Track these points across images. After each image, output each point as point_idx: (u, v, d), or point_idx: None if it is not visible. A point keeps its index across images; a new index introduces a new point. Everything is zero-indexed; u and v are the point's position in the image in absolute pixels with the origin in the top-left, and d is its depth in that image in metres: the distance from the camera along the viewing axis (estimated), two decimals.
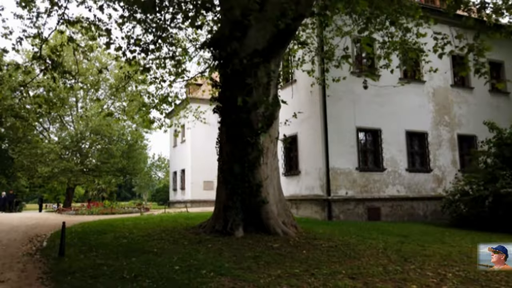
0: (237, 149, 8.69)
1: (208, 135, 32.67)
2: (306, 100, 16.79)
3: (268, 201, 8.62)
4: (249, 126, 8.58)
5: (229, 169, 8.80)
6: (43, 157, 30.85)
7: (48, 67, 8.79)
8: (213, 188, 33.56)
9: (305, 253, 7.03)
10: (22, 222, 13.92)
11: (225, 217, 8.56)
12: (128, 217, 16.45)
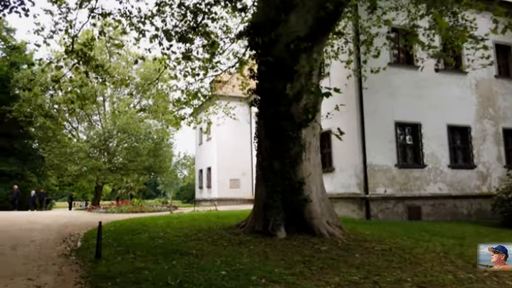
0: (277, 144, 8.13)
1: (234, 133, 32.34)
2: (341, 94, 16.02)
3: (311, 200, 8.02)
4: (290, 119, 8.00)
5: (268, 165, 8.25)
6: (72, 155, 31.24)
7: (80, 61, 8.50)
8: (239, 186, 33.23)
9: (359, 258, 6.40)
10: (54, 220, 13.82)
11: (265, 217, 8.01)
12: (159, 215, 16.16)
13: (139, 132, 32.44)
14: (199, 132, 37.41)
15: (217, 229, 9.53)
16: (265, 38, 7.63)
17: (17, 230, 10.62)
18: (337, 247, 7.11)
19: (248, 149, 32.84)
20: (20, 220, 13.63)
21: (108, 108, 34.41)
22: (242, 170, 32.38)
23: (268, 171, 8.26)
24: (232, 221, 12.01)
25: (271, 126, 8.25)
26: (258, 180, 8.67)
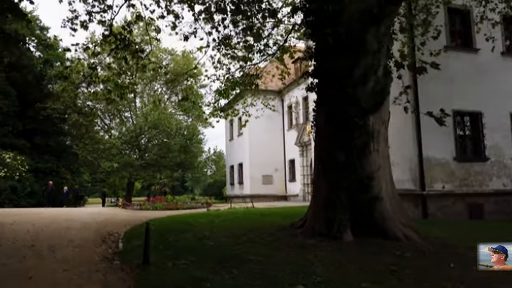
0: (340, 132, 7.07)
1: (266, 128, 31.36)
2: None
3: (381, 197, 6.94)
4: (355, 104, 6.92)
5: (330, 157, 7.21)
6: (105, 152, 31.20)
7: (118, 45, 7.79)
8: (272, 183, 32.29)
9: (457, 269, 5.27)
10: (91, 218, 13.30)
11: (328, 217, 7.00)
12: (196, 213, 15.45)
13: (170, 127, 32.01)
14: (230, 128, 36.71)
15: (268, 229, 8.59)
16: (336, 5, 6.54)
17: (55, 229, 10.07)
18: (421, 254, 6.01)
19: (281, 144, 31.83)
20: (57, 218, 13.18)
21: (139, 104, 34.22)
22: (274, 165, 31.41)
23: (330, 164, 7.23)
24: (277, 219, 11.07)
25: (333, 112, 7.20)
26: (317, 174, 7.64)
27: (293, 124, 30.17)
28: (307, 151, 27.66)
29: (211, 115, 13.75)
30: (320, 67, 7.49)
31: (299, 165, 28.52)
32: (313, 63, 7.88)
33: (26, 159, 28.20)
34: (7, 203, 25.32)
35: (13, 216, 13.58)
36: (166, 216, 13.60)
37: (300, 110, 29.01)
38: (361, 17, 6.77)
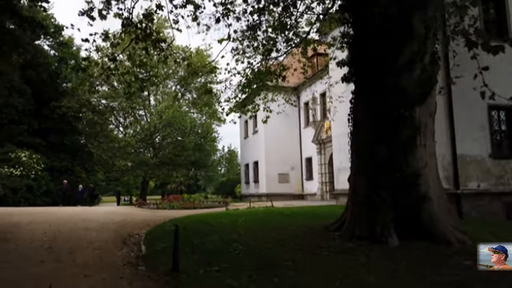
0: (382, 125, 6.43)
1: (281, 125, 30.70)
2: None
3: (430, 197, 6.28)
4: (400, 94, 6.27)
5: (370, 153, 6.58)
6: (120, 150, 30.97)
7: (139, 34, 7.27)
8: (288, 181, 31.67)
9: None
10: (109, 218, 12.88)
11: (369, 218, 6.37)
12: (215, 212, 14.93)
13: (184, 125, 31.63)
14: (245, 126, 36.18)
15: (297, 231, 8.00)
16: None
17: (72, 230, 9.63)
18: None
19: (297, 142, 31.16)
20: (74, 218, 12.80)
21: (153, 102, 33.93)
22: (291, 164, 30.76)
23: (369, 160, 6.59)
24: (303, 220, 10.47)
25: (374, 103, 6.55)
26: (355, 171, 7.01)
27: (310, 121, 29.47)
28: (325, 149, 26.94)
29: (230, 111, 13.17)
30: (359, 54, 6.85)
31: (317, 163, 27.82)
32: (349, 51, 7.23)
33: (41, 157, 28.13)
34: (23, 202, 25.21)
35: (29, 215, 13.24)
36: (185, 216, 13.10)
37: (317, 107, 28.27)
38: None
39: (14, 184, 25.29)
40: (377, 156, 6.47)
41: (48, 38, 34.45)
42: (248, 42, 11.04)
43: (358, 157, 6.86)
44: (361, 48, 6.80)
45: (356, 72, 7.02)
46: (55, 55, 34.45)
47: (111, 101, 31.50)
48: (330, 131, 25.68)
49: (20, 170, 26.28)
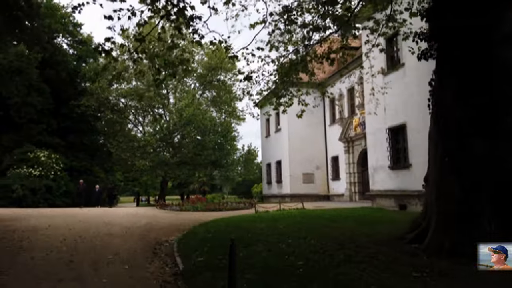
0: (479, 115, 5.12)
1: (305, 123, 29.34)
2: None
3: None
4: (505, 70, 4.95)
5: (463, 148, 5.28)
6: (139, 150, 30.20)
7: (171, 10, 6.19)
8: (313, 181, 30.34)
9: None
10: (132, 221, 11.87)
11: (464, 230, 5.07)
12: (245, 215, 13.80)
13: (204, 124, 30.63)
14: (266, 124, 34.98)
15: (361, 241, 6.74)
16: None
17: (94, 236, 8.60)
18: None
19: (322, 140, 29.80)
20: (95, 221, 11.83)
21: (172, 100, 33.06)
22: (316, 163, 29.39)
23: (463, 157, 5.29)
24: (352, 226, 9.20)
25: (468, 86, 5.25)
26: (441, 170, 5.65)
27: (336, 118, 28.06)
28: (353, 147, 25.51)
29: (262, 104, 11.92)
30: (443, 27, 5.55)
31: (344, 162, 26.40)
32: (429, 24, 5.94)
33: (60, 157, 27.56)
34: (42, 203, 24.62)
35: (48, 218, 12.35)
36: (214, 220, 11.98)
37: (344, 103, 26.86)
38: None
39: (33, 184, 24.75)
40: (473, 152, 5.16)
41: (67, 37, 33.99)
42: (286, 25, 9.81)
43: (447, 153, 5.52)
44: (444, 20, 5.47)
45: (439, 47, 5.71)
46: (74, 53, 33.93)
47: (131, 99, 30.75)
48: (359, 128, 24.27)
49: (39, 170, 25.74)
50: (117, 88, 31.25)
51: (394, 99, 15.58)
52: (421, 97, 14.53)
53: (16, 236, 8.52)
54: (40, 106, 28.16)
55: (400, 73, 15.51)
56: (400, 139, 15.94)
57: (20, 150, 26.58)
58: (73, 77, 32.88)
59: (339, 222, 10.11)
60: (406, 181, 15.22)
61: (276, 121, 32.39)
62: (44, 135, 28.81)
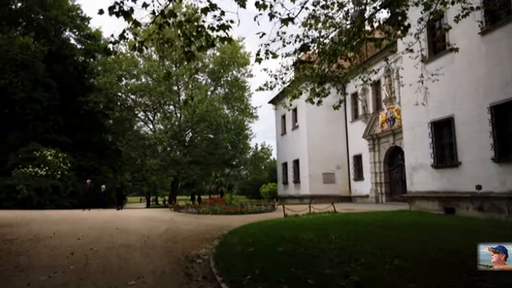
0: None
1: (325, 119, 27.69)
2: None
3: None
4: None
5: None
6: (150, 148, 28.74)
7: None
8: (334, 182, 28.64)
9: None
10: (149, 227, 10.34)
11: None
12: (273, 219, 12.22)
13: (218, 121, 29.07)
14: (281, 121, 33.35)
15: (455, 260, 5.09)
16: None
17: (108, 249, 7.06)
18: None
19: (343, 138, 28.08)
20: (107, 227, 10.31)
21: (183, 97, 31.53)
22: (336, 162, 27.69)
23: None
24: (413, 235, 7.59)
25: None
26: None
27: (359, 114, 26.35)
28: (379, 144, 23.81)
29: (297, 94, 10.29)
30: None
31: (368, 161, 24.71)
32: None
33: (68, 156, 26.20)
34: (48, 204, 23.25)
35: (53, 224, 10.87)
36: (243, 226, 10.41)
37: (368, 98, 25.14)
38: None
39: (39, 184, 23.36)
40: None
41: (74, 32, 32.64)
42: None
43: None
44: None
45: None
46: (81, 48, 32.56)
47: (141, 95, 29.28)
48: (387, 124, 22.55)
49: (46, 170, 24.38)
50: (126, 83, 29.79)
51: (439, 89, 13.81)
52: (473, 86, 12.85)
53: (14, 248, 7.00)
54: (46, 102, 26.83)
55: (447, 59, 13.78)
56: (446, 134, 14.21)
57: (25, 148, 25.25)
58: (81, 72, 31.56)
59: (398, 230, 8.47)
60: (453, 182, 13.51)
61: (293, 118, 30.75)
62: (51, 133, 27.47)
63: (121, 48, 31.74)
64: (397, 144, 21.89)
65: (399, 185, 22.57)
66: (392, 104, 22.22)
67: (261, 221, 11.60)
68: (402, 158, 21.96)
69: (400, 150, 21.87)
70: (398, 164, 22.50)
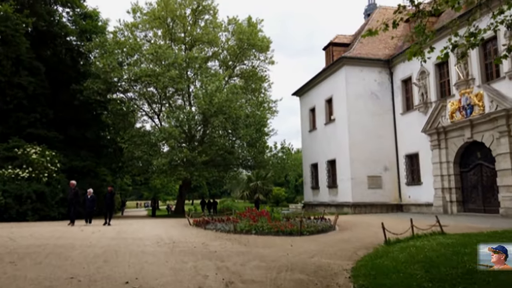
0: None
1: (367, 111, 22.72)
2: None
3: None
4: None
5: None
6: (157, 146, 23.91)
7: None
8: (381, 187, 23.79)
9: None
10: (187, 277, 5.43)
11: None
12: (368, 245, 7.39)
13: (239, 114, 24.24)
14: (310, 115, 28.50)
15: None
16: None
17: None
18: None
19: (391, 133, 23.31)
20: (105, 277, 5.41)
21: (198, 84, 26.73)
22: (383, 162, 22.86)
23: None
24: None
25: None
26: None
27: (414, 104, 21.55)
28: (447, 140, 19.00)
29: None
30: None
31: (431, 161, 19.89)
32: None
33: (57, 155, 21.29)
34: (30, 215, 18.37)
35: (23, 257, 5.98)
36: (363, 262, 5.56)
37: (429, 84, 20.35)
38: None
39: (19, 190, 18.40)
40: None
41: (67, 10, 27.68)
42: None
43: None
44: None
45: None
46: (76, 29, 27.63)
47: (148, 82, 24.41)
48: (461, 114, 17.73)
49: (29, 172, 19.46)
50: (129, 68, 24.93)
51: None
52: None
53: None
54: (31, 88, 21.89)
55: None
56: None
57: (4, 145, 20.35)
58: (74, 56, 26.74)
59: None
60: None
61: (327, 110, 25.90)
62: (38, 127, 22.51)
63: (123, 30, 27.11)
64: (477, 139, 17.10)
65: (476, 191, 17.77)
66: (469, 87, 17.45)
67: (368, 256, 6.74)
68: (483, 156, 17.18)
69: (480, 146, 17.11)
70: (476, 164, 17.70)
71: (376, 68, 23.62)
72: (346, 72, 23.27)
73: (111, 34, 26.87)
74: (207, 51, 29.77)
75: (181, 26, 27.86)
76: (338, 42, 26.81)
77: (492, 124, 16.04)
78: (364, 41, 24.40)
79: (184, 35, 28.32)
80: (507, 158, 15.25)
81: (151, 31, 28.56)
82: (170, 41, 28.17)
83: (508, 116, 15.21)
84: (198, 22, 28.82)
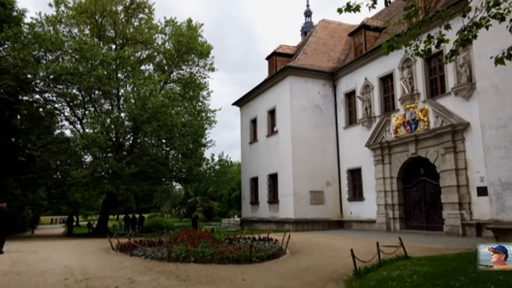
0: None
1: (311, 124, 22.01)
2: None
3: None
4: None
5: None
6: (77, 154, 20.75)
7: None
8: (323, 202, 22.93)
9: None
10: None
11: None
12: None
13: (174, 121, 22.06)
14: (251, 127, 27.17)
15: None
16: None
17: None
18: None
19: (333, 147, 22.76)
20: None
21: (129, 88, 24.06)
22: (325, 178, 22.14)
23: None
24: None
25: None
26: None
27: (357, 118, 21.22)
28: (390, 155, 18.73)
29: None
30: None
31: (373, 176, 19.50)
32: None
33: None
34: None
35: None
36: None
37: (373, 98, 20.13)
38: None
39: None
40: None
41: None
42: None
43: None
44: None
45: None
46: None
47: (70, 81, 21.24)
48: (405, 129, 17.56)
49: None
50: (47, 65, 21.56)
51: None
52: None
53: None
54: None
55: None
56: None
57: None
58: None
59: None
60: None
61: (269, 121, 24.77)
62: None
63: (43, 24, 23.73)
64: (421, 154, 16.95)
65: (419, 208, 17.56)
66: (414, 102, 17.36)
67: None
68: (427, 172, 17.03)
69: (424, 162, 16.96)
70: (419, 181, 17.52)
71: (321, 80, 23.10)
72: (291, 82, 22.39)
73: (28, 26, 23.30)
74: (142, 53, 27.32)
75: (112, 23, 25.16)
76: (281, 52, 25.99)
77: (437, 140, 15.92)
78: (308, 52, 23.85)
79: (115, 34, 25.60)
80: (452, 174, 15.09)
81: (76, 27, 25.45)
82: (99, 39, 25.25)
83: (454, 132, 15.12)
84: (132, 21, 26.30)
